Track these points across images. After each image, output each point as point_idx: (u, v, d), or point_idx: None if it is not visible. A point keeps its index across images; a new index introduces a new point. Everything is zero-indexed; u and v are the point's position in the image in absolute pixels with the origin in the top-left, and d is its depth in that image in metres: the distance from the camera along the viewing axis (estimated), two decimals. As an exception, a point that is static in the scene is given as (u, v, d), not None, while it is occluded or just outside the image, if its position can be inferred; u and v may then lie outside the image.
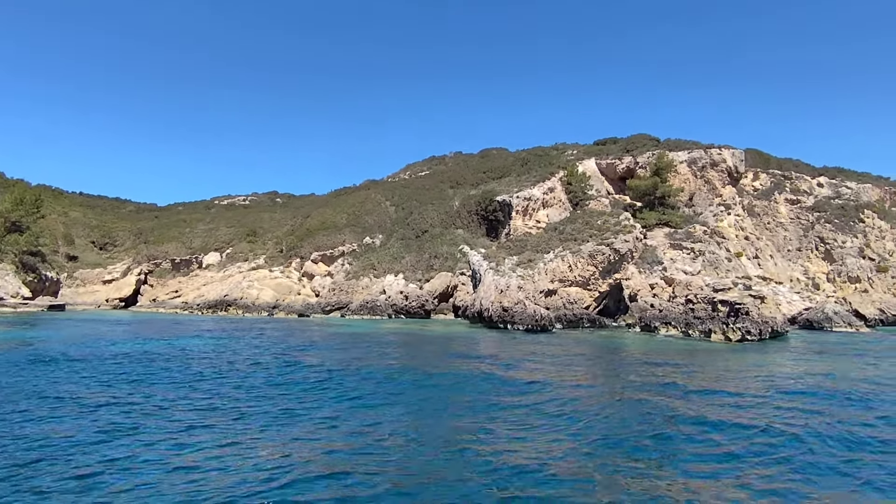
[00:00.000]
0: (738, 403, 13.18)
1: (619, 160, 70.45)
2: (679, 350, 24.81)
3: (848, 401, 13.82)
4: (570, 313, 37.52)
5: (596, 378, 17.28)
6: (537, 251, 42.70)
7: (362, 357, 20.54)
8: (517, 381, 15.75)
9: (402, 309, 52.88)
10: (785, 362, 21.39)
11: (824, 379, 17.14)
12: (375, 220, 67.08)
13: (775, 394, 14.49)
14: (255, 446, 9.07)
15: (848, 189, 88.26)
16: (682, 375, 17.22)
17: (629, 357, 22.75)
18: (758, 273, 61.08)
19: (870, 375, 17.98)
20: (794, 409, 12.62)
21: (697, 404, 12.95)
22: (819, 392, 14.87)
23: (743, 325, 28.03)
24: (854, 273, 77.26)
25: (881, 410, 12.79)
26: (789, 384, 16.13)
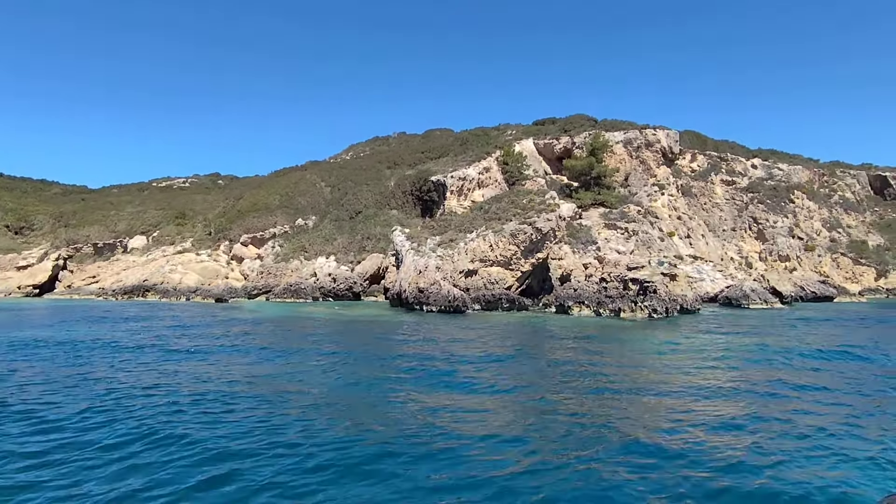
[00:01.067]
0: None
1: (556, 140, 69.48)
2: (579, 328, 23.74)
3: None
4: (490, 294, 36.23)
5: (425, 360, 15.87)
6: (461, 231, 41.26)
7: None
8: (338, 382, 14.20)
9: (329, 291, 50.88)
10: (657, 335, 20.49)
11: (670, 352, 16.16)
12: (309, 201, 64.57)
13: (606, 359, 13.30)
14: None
15: (780, 171, 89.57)
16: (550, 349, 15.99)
17: (514, 338, 21.47)
18: (689, 252, 61.16)
19: (714, 345, 17.12)
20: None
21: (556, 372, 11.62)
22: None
23: (650, 303, 27.18)
24: (784, 252, 78.56)
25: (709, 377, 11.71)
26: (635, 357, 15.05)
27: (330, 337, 21.49)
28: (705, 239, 64.58)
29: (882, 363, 15.73)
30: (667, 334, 21.20)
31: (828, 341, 19.32)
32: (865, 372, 14.41)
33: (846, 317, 31.36)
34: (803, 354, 16.82)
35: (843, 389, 12.07)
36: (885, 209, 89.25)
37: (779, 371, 14.39)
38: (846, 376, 13.57)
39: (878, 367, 14.92)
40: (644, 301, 27.50)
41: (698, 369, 14.58)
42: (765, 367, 14.91)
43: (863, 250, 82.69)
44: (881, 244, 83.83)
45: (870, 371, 14.54)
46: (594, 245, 59.88)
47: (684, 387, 12.34)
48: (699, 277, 44.59)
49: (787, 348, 18.05)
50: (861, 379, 13.46)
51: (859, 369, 14.67)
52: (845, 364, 15.40)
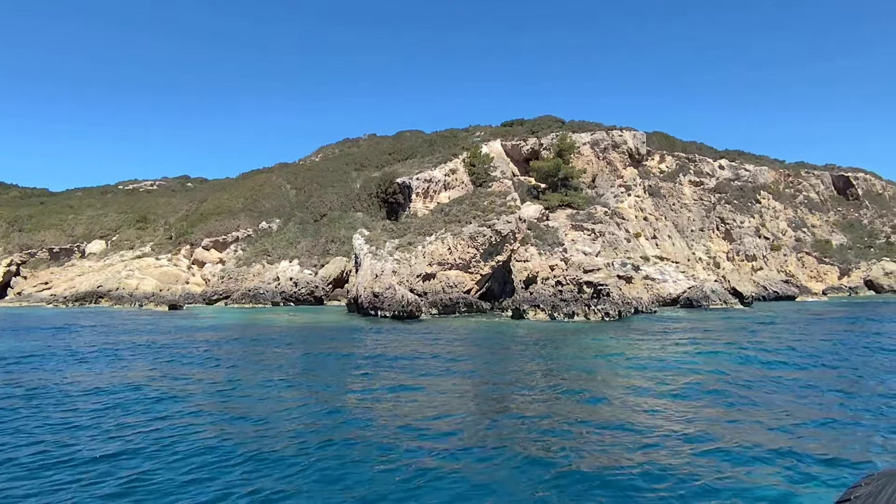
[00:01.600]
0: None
1: (524, 142, 68.96)
2: (527, 332, 23.00)
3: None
4: (447, 298, 35.39)
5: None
6: (420, 234, 40.34)
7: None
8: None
9: (291, 296, 49.68)
10: (595, 341, 19.83)
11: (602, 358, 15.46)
12: (273, 204, 63.15)
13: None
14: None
15: (746, 171, 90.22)
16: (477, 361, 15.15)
17: (457, 346, 20.64)
18: (655, 253, 60.97)
19: (646, 355, 16.47)
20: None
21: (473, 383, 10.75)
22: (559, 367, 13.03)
23: (603, 306, 26.57)
24: (751, 251, 79.05)
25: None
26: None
27: (250, 348, 20.40)
28: (672, 240, 64.51)
29: (773, 365, 15.25)
30: (603, 341, 20.50)
31: (762, 348, 18.78)
32: (759, 374, 13.88)
33: (797, 317, 31.11)
34: (726, 361, 16.23)
35: (742, 401, 11.43)
36: (847, 209, 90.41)
37: (693, 376, 13.85)
38: (749, 388, 12.95)
39: (762, 369, 14.38)
40: (598, 304, 26.89)
41: (614, 376, 13.92)
42: (677, 374, 14.28)
43: (826, 249, 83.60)
44: (844, 243, 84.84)
45: (754, 372, 14.02)
46: (561, 247, 59.45)
47: (596, 393, 11.62)
48: (662, 278, 44.25)
49: (714, 351, 17.56)
50: (756, 382, 12.93)
51: (764, 376, 14.09)
52: (751, 368, 14.85)
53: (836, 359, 16.42)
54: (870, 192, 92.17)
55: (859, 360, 16.35)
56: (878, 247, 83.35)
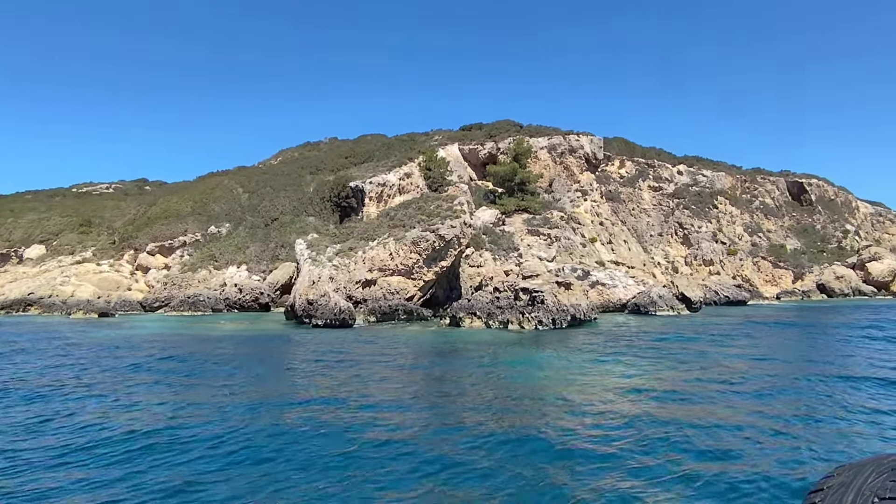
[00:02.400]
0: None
1: (481, 146, 67.91)
2: (446, 342, 21.64)
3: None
4: (387, 305, 33.88)
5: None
6: (363, 239, 38.77)
7: None
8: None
9: (235, 303, 47.63)
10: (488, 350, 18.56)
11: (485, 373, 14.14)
12: (223, 207, 60.90)
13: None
14: None
15: (704, 177, 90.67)
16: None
17: (365, 357, 19.16)
18: (611, 258, 60.36)
19: (535, 375, 15.25)
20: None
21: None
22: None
23: (537, 314, 25.36)
24: (708, 256, 79.23)
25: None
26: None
27: (140, 361, 18.63)
28: (628, 244, 64.00)
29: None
30: (509, 357, 19.20)
31: (674, 365, 17.69)
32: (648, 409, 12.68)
33: (733, 325, 30.34)
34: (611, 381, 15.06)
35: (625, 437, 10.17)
36: (801, 214, 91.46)
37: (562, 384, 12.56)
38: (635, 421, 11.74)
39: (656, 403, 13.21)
40: (532, 312, 25.69)
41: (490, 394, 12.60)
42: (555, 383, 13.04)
43: (781, 254, 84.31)
44: (798, 248, 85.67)
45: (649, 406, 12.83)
46: (516, 252, 58.48)
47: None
48: (612, 284, 43.40)
49: (607, 372, 16.37)
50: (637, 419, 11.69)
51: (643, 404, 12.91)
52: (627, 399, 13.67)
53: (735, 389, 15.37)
54: (822, 197, 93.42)
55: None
56: (830, 251, 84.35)
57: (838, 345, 21.28)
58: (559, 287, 27.57)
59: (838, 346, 20.80)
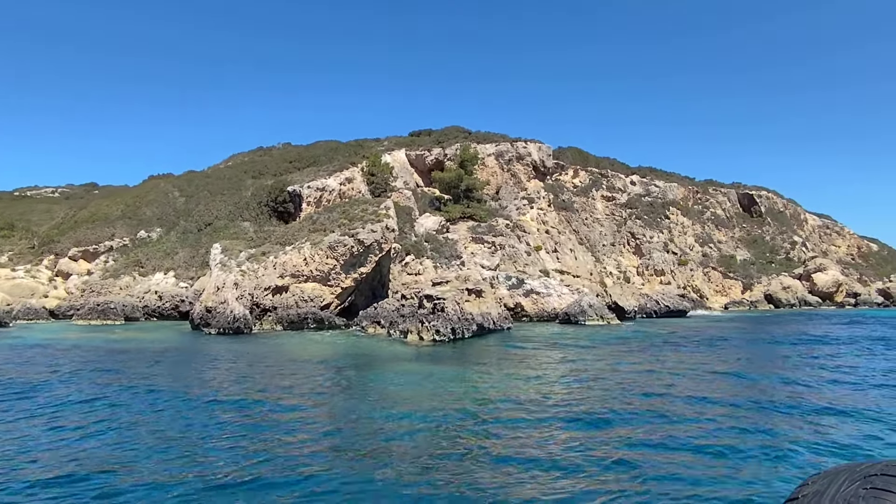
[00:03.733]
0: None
1: (428, 152, 65.92)
2: (318, 354, 19.27)
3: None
4: (299, 312, 31.38)
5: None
6: (279, 243, 36.23)
7: None
8: None
9: (154, 311, 44.56)
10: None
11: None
12: (156, 211, 57.66)
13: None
14: None
15: (656, 187, 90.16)
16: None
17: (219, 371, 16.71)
18: (556, 266, 58.73)
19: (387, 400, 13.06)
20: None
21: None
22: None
23: (435, 322, 23.18)
24: (660, 266, 78.37)
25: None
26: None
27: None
28: (574, 253, 62.45)
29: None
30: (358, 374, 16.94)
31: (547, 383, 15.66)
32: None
33: (645, 337, 28.61)
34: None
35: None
36: (751, 225, 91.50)
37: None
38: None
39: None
40: (432, 321, 23.51)
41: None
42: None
43: (731, 265, 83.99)
44: (747, 258, 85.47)
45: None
46: (458, 259, 56.43)
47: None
48: (546, 292, 41.55)
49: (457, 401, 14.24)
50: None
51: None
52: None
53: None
54: (772, 209, 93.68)
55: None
56: (779, 262, 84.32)
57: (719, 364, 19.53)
58: (469, 294, 25.45)
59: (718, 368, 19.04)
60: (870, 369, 17.05)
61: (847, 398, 12.74)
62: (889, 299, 74.56)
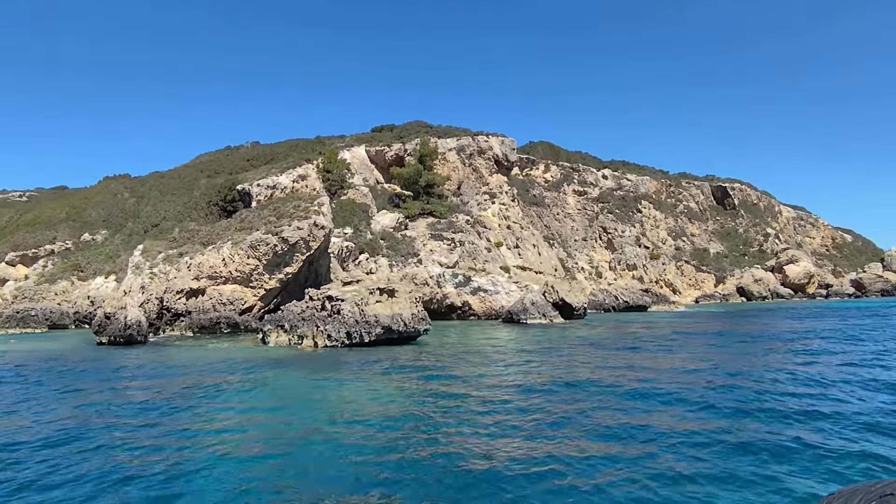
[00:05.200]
0: None
1: (388, 147, 63.30)
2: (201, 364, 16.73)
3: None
4: (206, 318, 28.81)
5: None
6: (201, 243, 33.60)
7: None
8: None
9: (86, 317, 41.83)
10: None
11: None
12: (102, 213, 54.85)
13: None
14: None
15: (628, 181, 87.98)
16: None
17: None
18: (517, 263, 56.33)
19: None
20: None
21: None
22: None
23: (327, 326, 20.67)
24: (631, 261, 76.16)
25: None
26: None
27: None
28: (537, 248, 59.96)
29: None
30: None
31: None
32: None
33: (560, 341, 26.13)
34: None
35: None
36: (725, 218, 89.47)
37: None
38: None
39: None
40: (326, 324, 21.02)
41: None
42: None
43: (704, 258, 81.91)
44: (721, 251, 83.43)
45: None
46: (416, 257, 53.88)
47: None
48: (494, 290, 39.12)
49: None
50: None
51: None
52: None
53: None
54: (745, 202, 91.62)
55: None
56: (752, 254, 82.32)
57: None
58: (381, 294, 22.93)
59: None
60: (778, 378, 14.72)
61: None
62: (861, 290, 72.59)
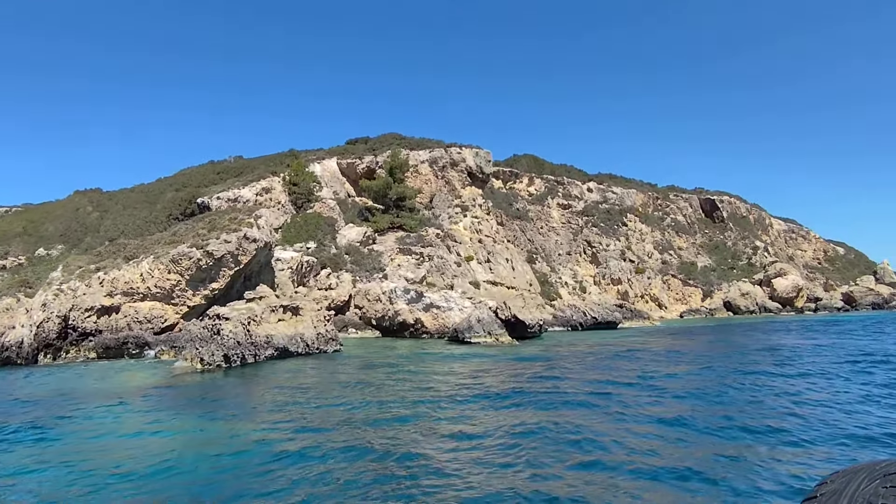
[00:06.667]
0: None
1: (359, 160, 60.84)
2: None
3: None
4: (114, 338, 26.08)
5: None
6: (126, 257, 30.99)
7: None
8: None
9: (23, 336, 39.23)
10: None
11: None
12: (59, 227, 52.59)
13: None
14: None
15: (613, 194, 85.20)
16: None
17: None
18: (487, 278, 53.48)
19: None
20: None
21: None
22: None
23: (201, 349, 17.83)
24: (616, 275, 73.12)
25: None
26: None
27: None
28: (511, 263, 57.05)
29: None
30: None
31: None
32: None
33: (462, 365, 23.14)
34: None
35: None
36: (713, 231, 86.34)
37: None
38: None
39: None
40: (205, 346, 18.20)
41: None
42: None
43: (691, 272, 78.75)
44: (708, 265, 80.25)
45: None
46: (381, 272, 51.13)
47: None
48: (447, 307, 36.24)
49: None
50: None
51: None
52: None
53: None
54: (734, 214, 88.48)
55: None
56: (740, 268, 79.09)
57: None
58: (284, 312, 20.16)
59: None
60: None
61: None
62: (852, 304, 69.10)
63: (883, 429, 9.43)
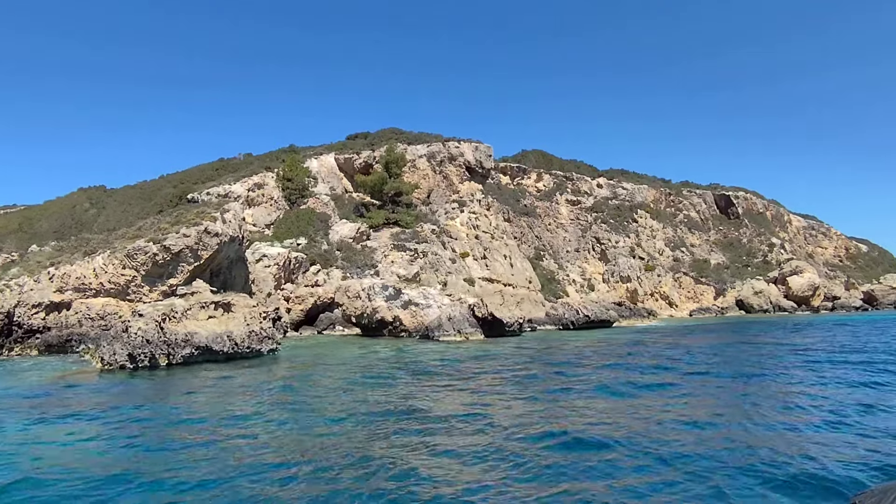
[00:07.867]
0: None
1: (357, 155, 59.00)
2: None
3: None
4: (58, 335, 24.59)
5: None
6: (86, 252, 29.59)
7: None
8: None
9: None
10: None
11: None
12: (54, 224, 51.95)
13: None
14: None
15: (624, 190, 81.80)
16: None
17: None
18: (483, 274, 51.05)
19: None
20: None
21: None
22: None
23: (104, 348, 16.00)
24: (625, 273, 70.10)
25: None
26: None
27: None
28: (509, 259, 54.44)
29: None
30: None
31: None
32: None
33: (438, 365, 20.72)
34: None
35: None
36: (728, 228, 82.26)
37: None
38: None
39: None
40: (107, 344, 16.41)
41: None
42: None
43: (704, 269, 75.04)
44: (721, 262, 76.40)
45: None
46: (373, 269, 49.40)
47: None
48: (426, 304, 34.06)
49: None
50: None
51: None
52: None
53: None
54: (750, 210, 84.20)
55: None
56: (755, 266, 75.08)
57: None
58: (214, 308, 18.29)
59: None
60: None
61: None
62: (873, 303, 64.72)
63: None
